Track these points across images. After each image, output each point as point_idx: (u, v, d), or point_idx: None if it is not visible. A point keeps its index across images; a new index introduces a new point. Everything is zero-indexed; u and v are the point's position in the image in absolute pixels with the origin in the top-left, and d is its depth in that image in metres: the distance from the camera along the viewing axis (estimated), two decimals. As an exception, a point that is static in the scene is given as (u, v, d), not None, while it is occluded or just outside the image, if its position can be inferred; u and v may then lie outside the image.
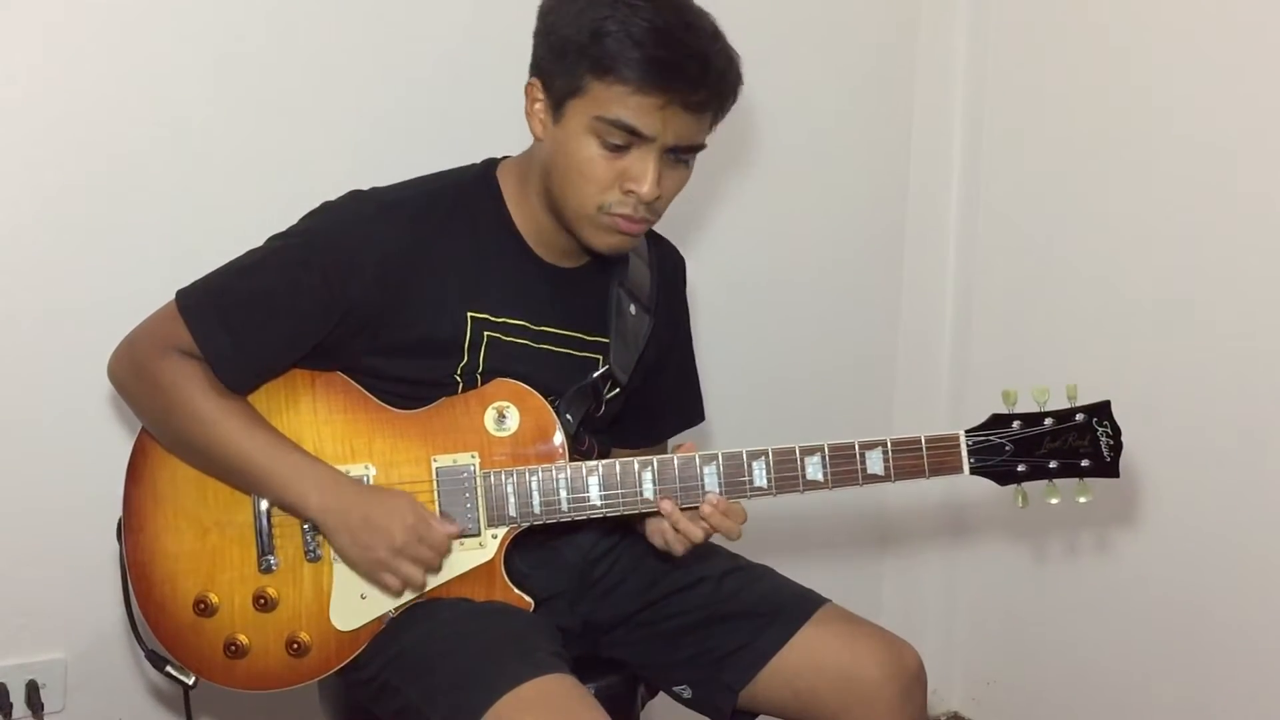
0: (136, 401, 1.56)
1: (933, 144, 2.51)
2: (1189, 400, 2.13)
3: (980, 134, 2.46)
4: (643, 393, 1.74)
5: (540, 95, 1.53)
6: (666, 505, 1.55)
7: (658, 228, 1.77)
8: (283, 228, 1.58)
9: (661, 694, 1.74)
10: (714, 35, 1.51)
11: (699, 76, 1.47)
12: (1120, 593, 2.28)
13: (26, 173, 1.81)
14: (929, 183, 2.53)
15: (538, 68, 1.54)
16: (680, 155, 1.52)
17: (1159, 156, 2.16)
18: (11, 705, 1.87)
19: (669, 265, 1.78)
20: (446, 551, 1.52)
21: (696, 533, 1.56)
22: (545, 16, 1.54)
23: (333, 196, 1.59)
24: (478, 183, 1.62)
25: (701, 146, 1.54)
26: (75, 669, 1.93)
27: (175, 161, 1.89)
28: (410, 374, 1.57)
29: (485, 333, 1.57)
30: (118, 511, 1.58)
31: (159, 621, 1.55)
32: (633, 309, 1.67)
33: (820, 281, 2.49)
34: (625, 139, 1.47)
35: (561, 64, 1.48)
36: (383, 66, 2.01)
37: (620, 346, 1.65)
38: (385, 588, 1.51)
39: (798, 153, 2.41)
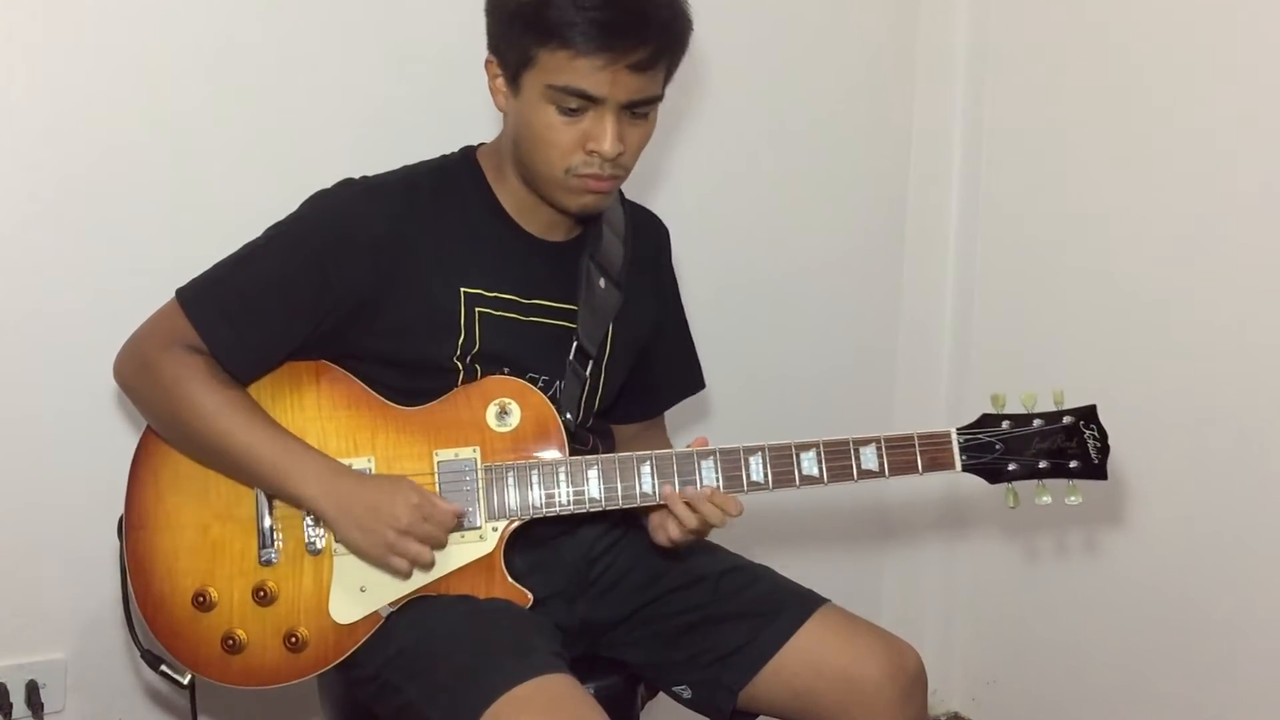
0: (142, 400, 1.57)
1: (933, 143, 2.51)
2: (1189, 399, 2.13)
3: (980, 133, 2.46)
4: (640, 364, 1.75)
5: (498, 70, 1.55)
6: (666, 489, 1.56)
7: (659, 210, 1.80)
8: (282, 224, 1.59)
9: (661, 694, 1.74)
10: None
11: (639, 34, 1.47)
12: (1121, 593, 2.28)
13: (24, 171, 1.80)
14: (929, 181, 2.53)
15: (492, 42, 1.56)
16: (637, 110, 1.53)
17: (1158, 155, 2.16)
18: (11, 705, 1.87)
19: (647, 237, 1.78)
20: (453, 528, 1.52)
21: (691, 519, 1.55)
22: None
23: (328, 189, 1.61)
24: (459, 166, 1.65)
25: (658, 99, 1.55)
26: (75, 669, 1.93)
27: (173, 159, 1.89)
28: (410, 357, 1.57)
29: (478, 309, 1.58)
30: (118, 510, 1.58)
31: (157, 617, 1.55)
32: (602, 282, 1.67)
33: (821, 279, 2.49)
34: (579, 103, 1.49)
35: (511, 36, 1.51)
36: (379, 62, 2.01)
37: (589, 318, 1.65)
38: (395, 571, 1.51)
39: (799, 150, 2.41)
